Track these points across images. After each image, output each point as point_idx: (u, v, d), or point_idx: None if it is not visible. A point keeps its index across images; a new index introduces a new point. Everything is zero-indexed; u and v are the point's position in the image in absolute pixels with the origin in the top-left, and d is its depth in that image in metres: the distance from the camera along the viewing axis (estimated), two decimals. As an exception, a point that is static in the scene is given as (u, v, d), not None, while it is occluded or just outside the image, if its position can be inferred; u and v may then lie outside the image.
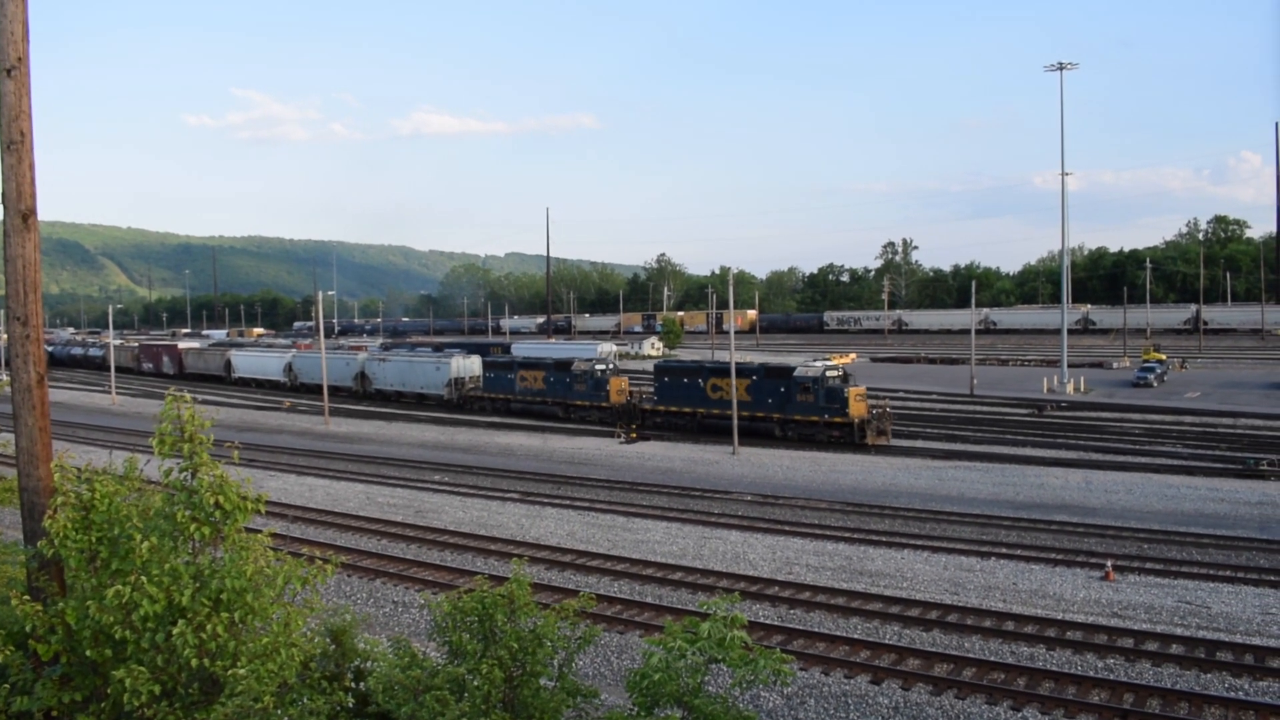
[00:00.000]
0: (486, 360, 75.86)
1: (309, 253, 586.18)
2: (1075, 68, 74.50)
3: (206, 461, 9.95)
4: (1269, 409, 61.56)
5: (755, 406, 55.03)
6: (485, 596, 10.55)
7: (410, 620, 22.91)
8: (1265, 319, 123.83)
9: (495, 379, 72.24)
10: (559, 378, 66.81)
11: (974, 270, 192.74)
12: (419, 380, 79.78)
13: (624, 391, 64.15)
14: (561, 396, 66.52)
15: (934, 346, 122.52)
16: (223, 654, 9.62)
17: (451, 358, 78.85)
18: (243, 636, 9.78)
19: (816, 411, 52.75)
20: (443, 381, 76.64)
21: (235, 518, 9.86)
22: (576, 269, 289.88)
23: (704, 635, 9.64)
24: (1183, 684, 18.08)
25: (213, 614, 9.56)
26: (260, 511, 10.20)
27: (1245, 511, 34.84)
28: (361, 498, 39.13)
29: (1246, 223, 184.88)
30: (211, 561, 9.95)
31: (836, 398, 52.25)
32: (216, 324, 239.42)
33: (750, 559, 27.98)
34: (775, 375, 55.44)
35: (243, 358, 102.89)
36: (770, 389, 54.90)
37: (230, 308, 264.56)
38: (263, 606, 9.78)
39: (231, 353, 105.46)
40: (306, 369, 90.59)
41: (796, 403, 53.53)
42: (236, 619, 9.66)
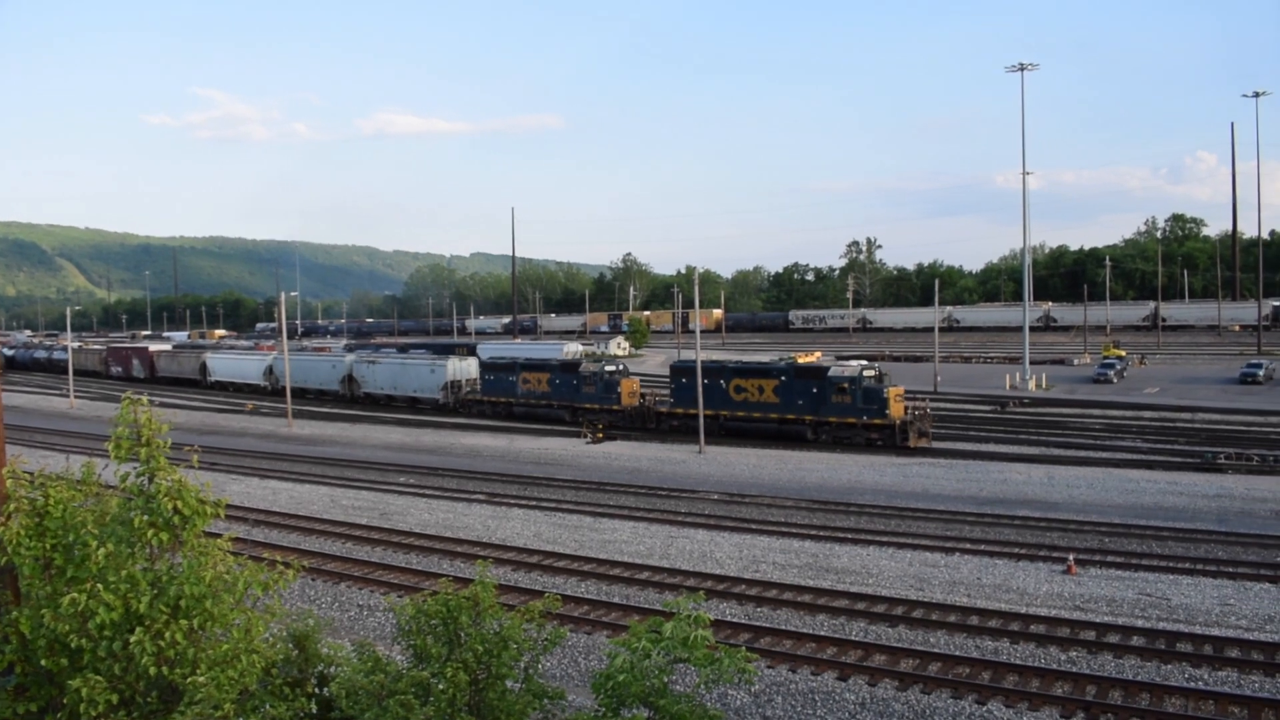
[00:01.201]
0: (485, 362, 72.86)
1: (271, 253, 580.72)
2: (1036, 68, 75.29)
3: (164, 466, 9.79)
4: (1226, 404, 62.50)
5: (784, 409, 53.15)
6: (450, 599, 10.47)
7: (375, 624, 22.73)
8: (1221, 315, 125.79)
9: (495, 381, 69.14)
10: (565, 380, 64.14)
11: (937, 269, 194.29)
12: (412, 383, 76.61)
13: (636, 394, 61.62)
14: (569, 400, 63.55)
15: (898, 344, 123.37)
16: (182, 661, 9.47)
17: (448, 360, 75.84)
18: (202, 643, 9.64)
19: (854, 413, 50.57)
20: (438, 385, 73.66)
21: (194, 523, 9.71)
22: (542, 269, 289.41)
23: (668, 635, 9.61)
24: (1144, 675, 18.29)
25: (171, 621, 9.41)
26: (220, 516, 10.06)
27: (1203, 504, 35.32)
28: (326, 500, 38.79)
29: (1203, 221, 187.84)
30: (170, 567, 9.79)
31: (875, 398, 50.12)
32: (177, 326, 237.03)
33: (717, 558, 28.01)
34: (807, 375, 53.20)
35: (219, 360, 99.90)
36: (801, 390, 52.69)
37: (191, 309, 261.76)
38: (222, 613, 9.64)
39: (207, 355, 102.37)
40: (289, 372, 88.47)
41: (831, 404, 51.31)
42: (196, 626, 9.52)
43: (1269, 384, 71.54)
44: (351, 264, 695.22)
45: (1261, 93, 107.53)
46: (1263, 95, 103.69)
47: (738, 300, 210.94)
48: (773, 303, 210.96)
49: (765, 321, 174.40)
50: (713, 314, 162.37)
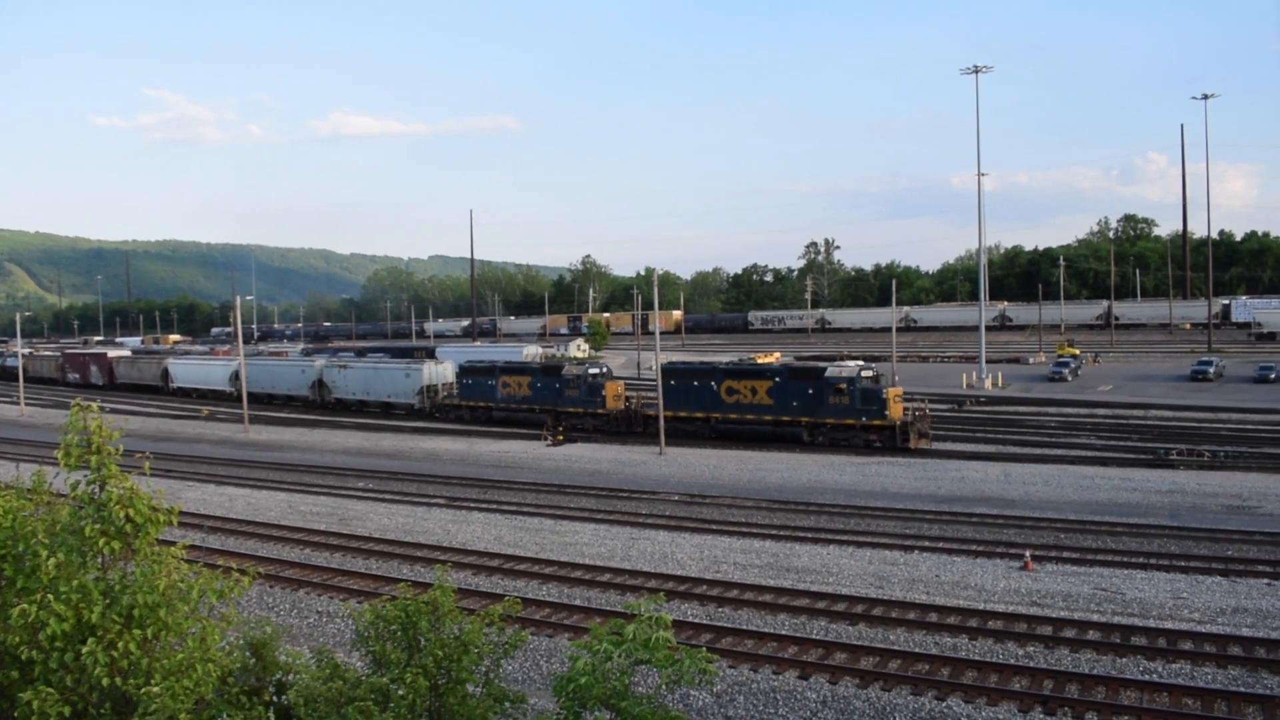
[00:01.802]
0: (464, 366, 71.03)
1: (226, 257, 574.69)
2: (990, 70, 76.20)
3: (115, 473, 9.63)
4: (1177, 400, 63.58)
5: (779, 410, 52.28)
6: (409, 604, 10.38)
7: (335, 630, 22.53)
8: (1173, 314, 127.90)
9: (474, 386, 67.58)
10: (547, 384, 62.91)
11: (894, 269, 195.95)
12: (386, 388, 74.86)
13: (621, 397, 60.46)
14: (551, 404, 62.15)
15: (856, 345, 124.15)
16: (136, 672, 9.33)
17: (423, 363, 74.51)
18: (156, 653, 9.49)
19: (852, 414, 49.79)
20: (413, 389, 72.04)
21: (147, 531, 9.56)
22: (501, 271, 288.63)
23: (630, 637, 9.60)
24: (1100, 668, 18.54)
25: (124, 631, 9.26)
26: (173, 523, 9.92)
27: (1156, 500, 35.89)
28: (283, 506, 38.40)
29: (1154, 221, 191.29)
30: (122, 577, 9.64)
31: (874, 399, 49.38)
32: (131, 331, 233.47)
33: (678, 558, 28.04)
34: (803, 376, 52.48)
35: (182, 366, 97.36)
36: (797, 391, 51.86)
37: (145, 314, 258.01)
38: (177, 621, 9.49)
39: (169, 361, 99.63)
40: (256, 377, 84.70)
41: (829, 405, 50.43)
42: (149, 635, 9.36)
43: (1219, 381, 72.85)
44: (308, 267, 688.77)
45: (1210, 95, 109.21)
46: (1211, 98, 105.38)
47: (697, 301, 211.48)
48: (732, 304, 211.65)
49: (724, 323, 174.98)
50: (672, 315, 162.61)
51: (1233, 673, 18.22)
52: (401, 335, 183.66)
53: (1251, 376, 73.42)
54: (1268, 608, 22.09)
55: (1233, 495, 36.01)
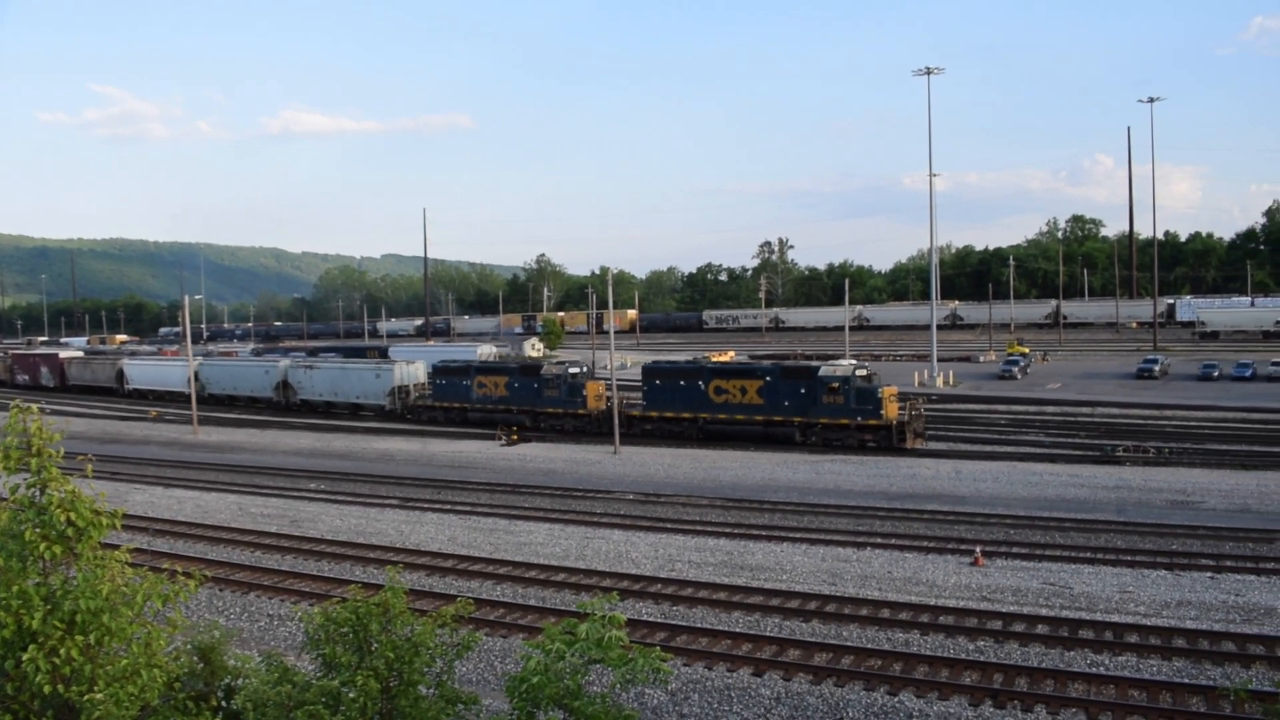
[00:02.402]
0: (437, 365, 68.92)
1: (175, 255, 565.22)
2: (942, 72, 77.03)
3: (56, 476, 9.43)
4: (1124, 398, 64.63)
5: (770, 410, 51.38)
6: (359, 606, 10.27)
7: (287, 634, 22.27)
8: (1119, 313, 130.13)
9: (448, 386, 65.82)
10: (525, 384, 61.51)
11: (847, 269, 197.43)
12: (355, 389, 72.69)
13: (602, 397, 59.18)
14: (529, 404, 60.86)
15: (810, 343, 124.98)
16: (78, 679, 9.13)
17: (394, 364, 72.36)
18: (100, 659, 9.30)
19: (847, 414, 49.02)
20: (383, 390, 70.00)
21: (89, 534, 9.37)
22: (455, 270, 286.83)
23: (582, 636, 9.57)
24: (1048, 662, 18.80)
25: (66, 637, 9.06)
26: (117, 527, 9.73)
27: (1103, 496, 36.47)
28: (234, 509, 37.90)
29: (1101, 222, 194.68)
30: (64, 582, 9.44)
31: (869, 399, 48.65)
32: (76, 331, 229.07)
33: (633, 557, 28.04)
34: (795, 376, 51.55)
35: (138, 367, 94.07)
36: (788, 391, 50.92)
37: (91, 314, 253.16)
38: (121, 627, 9.31)
39: (125, 362, 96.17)
40: (216, 379, 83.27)
41: (822, 405, 49.62)
42: (93, 641, 9.18)
43: (1164, 379, 74.19)
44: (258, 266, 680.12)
45: (1156, 99, 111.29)
46: (1157, 101, 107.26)
47: (652, 300, 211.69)
48: (687, 303, 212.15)
49: (679, 321, 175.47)
50: (627, 314, 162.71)
51: (1177, 664, 18.56)
52: (354, 335, 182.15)
53: (1195, 374, 74.86)
54: (1211, 600, 22.52)
55: (1177, 491, 36.68)
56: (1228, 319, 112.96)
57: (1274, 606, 21.96)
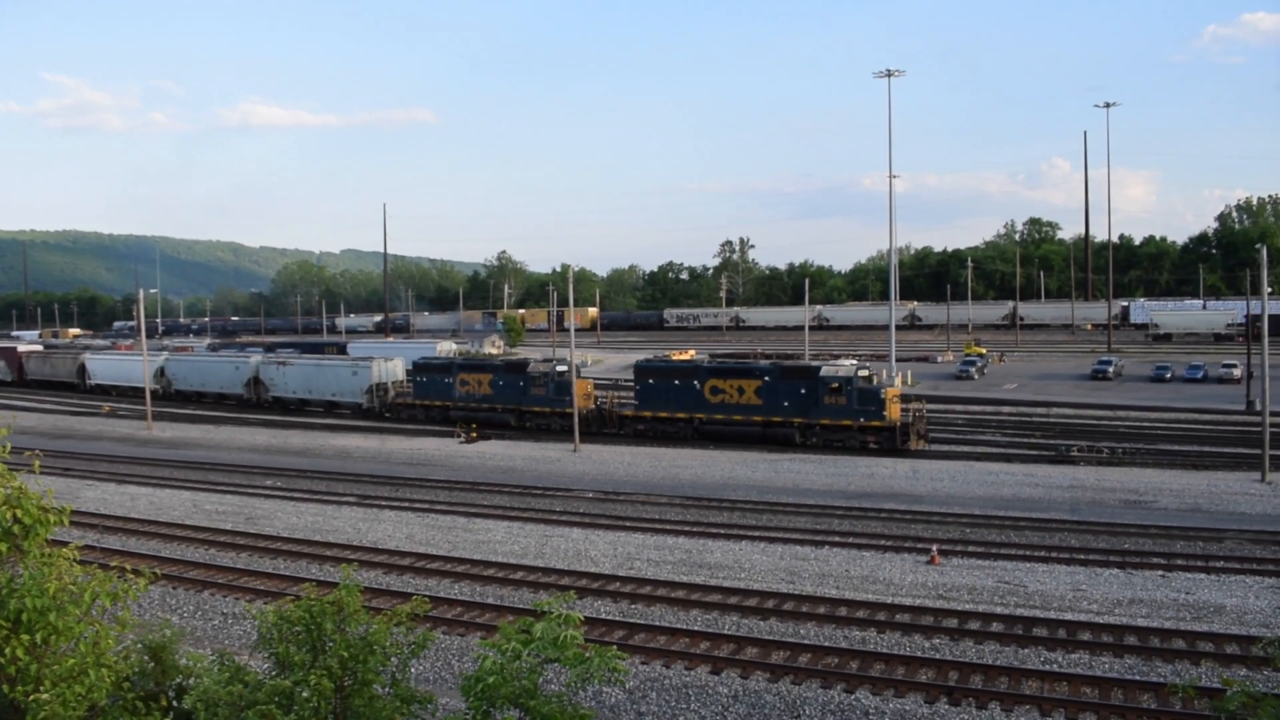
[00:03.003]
0: (418, 362, 66.46)
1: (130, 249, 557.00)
2: (903, 75, 77.48)
3: (2, 472, 9.25)
4: (1078, 399, 65.46)
5: (769, 410, 50.32)
6: (313, 604, 10.16)
7: (241, 632, 22.01)
8: (1075, 315, 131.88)
9: (429, 384, 63.74)
10: (511, 381, 59.71)
11: (808, 268, 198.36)
12: (330, 386, 70.11)
13: (591, 396, 57.94)
14: (515, 403, 59.17)
15: (770, 342, 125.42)
16: (24, 678, 8.97)
17: (372, 360, 69.69)
18: (46, 658, 9.14)
19: (849, 415, 48.05)
20: (361, 388, 67.75)
21: (36, 532, 9.21)
22: (415, 266, 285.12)
23: (538, 635, 9.53)
24: (1003, 660, 19.00)
25: (12, 636, 8.90)
26: (64, 524, 9.56)
27: (1058, 495, 36.90)
28: (188, 506, 37.42)
29: (1058, 225, 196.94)
30: (10, 580, 9.26)
31: (872, 399, 47.75)
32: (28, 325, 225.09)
33: (592, 556, 28.00)
34: (795, 376, 50.48)
35: (100, 362, 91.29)
36: (788, 391, 49.87)
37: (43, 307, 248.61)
38: (68, 625, 9.15)
39: (86, 356, 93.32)
40: (184, 375, 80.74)
41: (823, 406, 48.63)
42: (39, 640, 9.02)
43: (1118, 380, 75.23)
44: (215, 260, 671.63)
45: (1112, 103, 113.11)
46: (1113, 106, 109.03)
47: (613, 299, 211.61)
48: (648, 301, 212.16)
49: (640, 320, 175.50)
50: (588, 312, 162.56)
51: (1129, 661, 18.82)
52: (312, 331, 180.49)
53: (1148, 376, 75.98)
54: (1162, 598, 22.86)
55: (1130, 490, 37.20)
56: (1180, 321, 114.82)
57: (1223, 605, 22.33)
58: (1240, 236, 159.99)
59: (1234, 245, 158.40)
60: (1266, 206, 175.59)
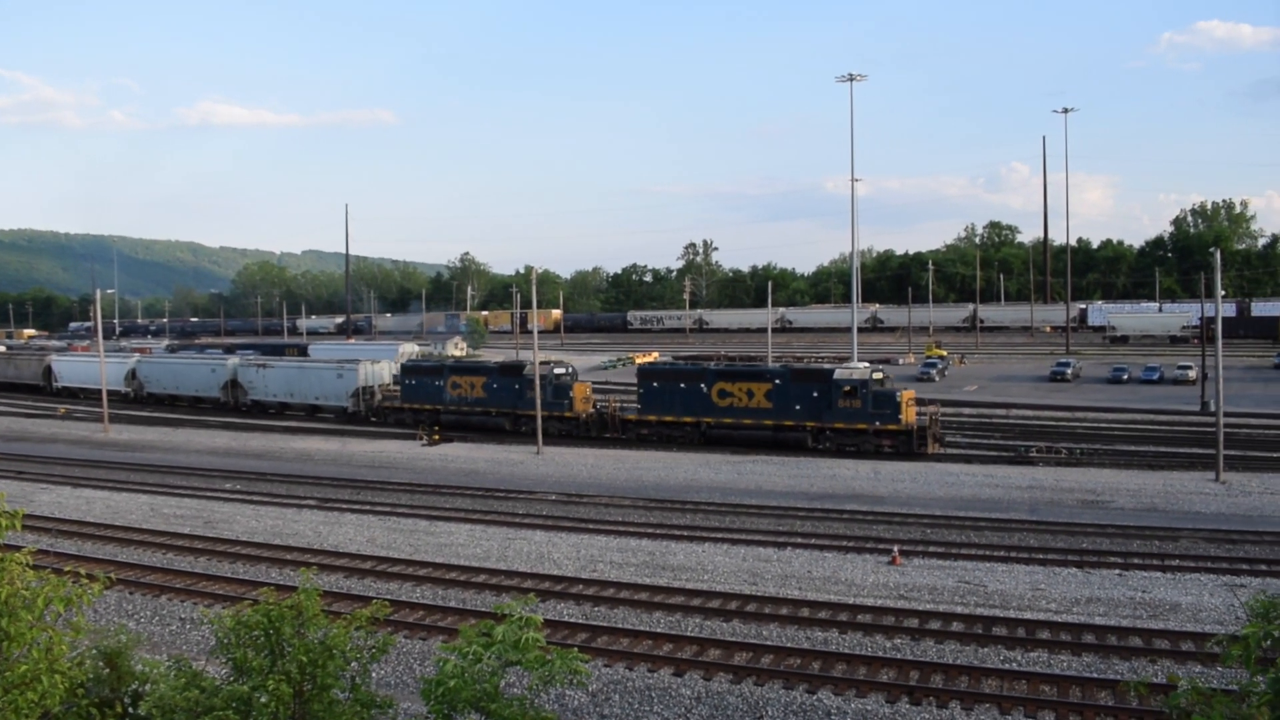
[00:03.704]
0: (407, 365, 65.22)
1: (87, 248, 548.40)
2: (864, 79, 78.06)
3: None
4: (1037, 400, 66.22)
5: (780, 414, 49.42)
6: (271, 609, 10.06)
7: (200, 638, 21.74)
8: (1034, 317, 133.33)
9: (418, 387, 62.24)
10: (505, 384, 58.25)
11: (771, 271, 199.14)
12: (314, 389, 68.35)
13: (589, 399, 57.30)
14: (510, 406, 57.61)
15: (733, 345, 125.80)
16: (-26, 685, 8.81)
17: (359, 363, 67.73)
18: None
19: (864, 419, 47.21)
20: (346, 391, 65.92)
21: (-13, 536, 9.04)
22: (377, 267, 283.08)
23: (499, 638, 9.49)
24: (963, 658, 19.16)
25: (-38, 642, 8.74)
26: (16, 529, 9.40)
27: (1017, 495, 37.29)
28: (145, 509, 36.94)
29: (1017, 228, 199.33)
30: (-40, 585, 9.10)
31: (888, 403, 46.99)
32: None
33: (555, 558, 27.95)
34: (808, 379, 49.61)
35: (68, 364, 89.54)
36: (800, 394, 49.05)
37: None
38: (20, 631, 9.00)
39: (53, 359, 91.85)
40: (158, 377, 79.00)
41: (838, 409, 47.83)
42: (-10, 646, 8.86)
43: (1076, 381, 76.19)
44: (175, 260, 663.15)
45: (1070, 109, 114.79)
46: (1071, 111, 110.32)
47: (577, 301, 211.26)
48: (611, 303, 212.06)
49: (604, 322, 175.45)
50: (551, 314, 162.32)
51: (1086, 660, 19.04)
52: (273, 332, 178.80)
53: (1106, 377, 77.01)
54: (1118, 597, 23.16)
55: (1087, 490, 37.65)
56: (1137, 324, 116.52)
57: (1179, 602, 22.66)
58: (1195, 240, 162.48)
59: (1189, 249, 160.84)
60: (1220, 211, 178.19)
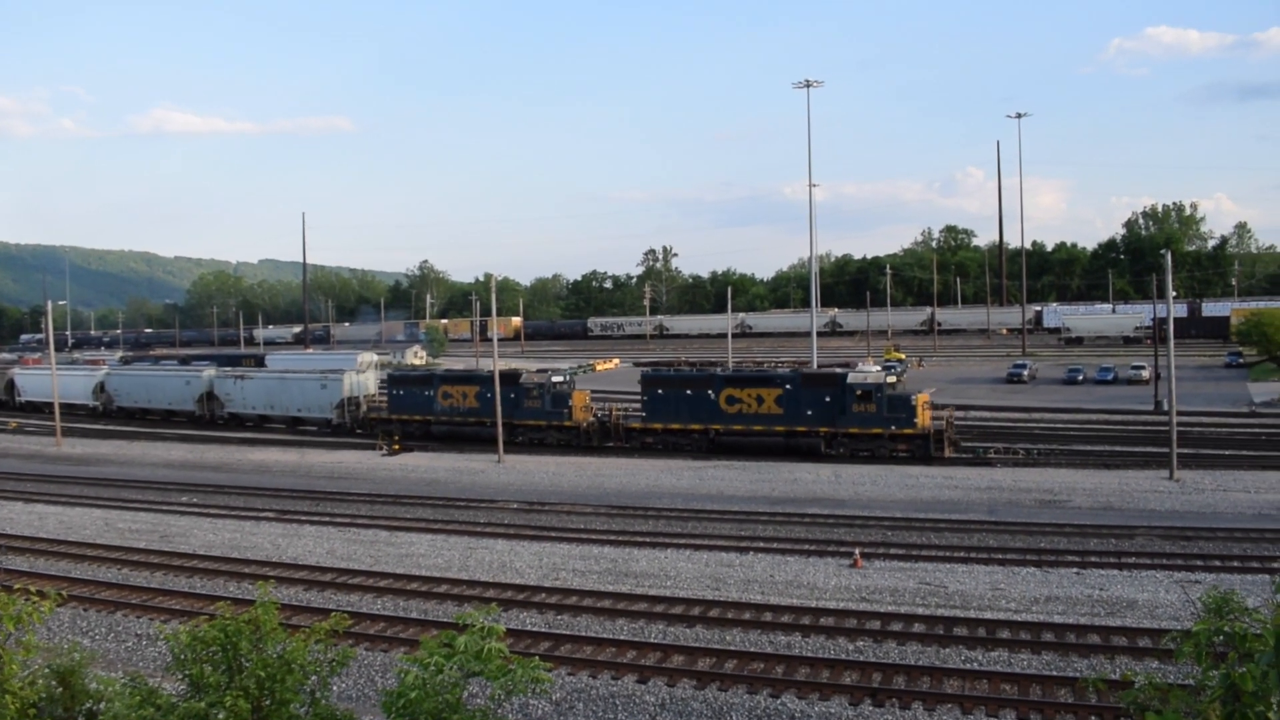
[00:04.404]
0: (394, 375, 63.53)
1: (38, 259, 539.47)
2: (821, 85, 78.68)
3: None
4: (995, 401, 66.94)
5: (792, 420, 48.65)
6: (228, 624, 9.92)
7: (156, 654, 21.40)
8: (991, 320, 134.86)
9: (406, 397, 60.58)
10: (500, 394, 54.94)
11: (730, 276, 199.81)
12: (296, 401, 66.56)
13: (590, 408, 56.02)
14: (506, 416, 54.79)
15: (694, 350, 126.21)
16: (-79, 707, 8.61)
17: (343, 374, 65.87)
18: (-55, 686, 8.79)
19: (879, 423, 46.62)
20: (330, 403, 64.19)
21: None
22: (335, 276, 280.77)
23: (461, 648, 9.42)
24: (924, 660, 19.28)
25: (-92, 663, 8.54)
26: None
27: (976, 497, 37.64)
28: (100, 524, 36.35)
29: (973, 232, 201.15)
30: (-94, 605, 8.89)
31: (903, 407, 46.48)
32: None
33: (517, 567, 27.82)
34: (819, 384, 49.07)
35: (32, 378, 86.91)
36: (812, 399, 48.36)
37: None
38: (-32, 652, 8.82)
39: (15, 372, 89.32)
40: (129, 390, 77.09)
41: (852, 414, 47.14)
42: (-63, 667, 8.67)
43: (1032, 383, 77.14)
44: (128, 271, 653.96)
45: (1023, 114, 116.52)
46: (1024, 116, 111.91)
47: (537, 308, 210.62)
48: (572, 310, 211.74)
49: (564, 329, 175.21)
50: (511, 322, 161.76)
51: (1046, 658, 19.24)
52: (229, 342, 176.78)
53: (1061, 378, 78.05)
54: (1076, 595, 23.43)
55: (1045, 490, 38.08)
56: (1091, 325, 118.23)
57: (1135, 599, 22.96)
58: (1147, 243, 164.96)
59: (1141, 251, 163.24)
60: (1171, 213, 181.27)
